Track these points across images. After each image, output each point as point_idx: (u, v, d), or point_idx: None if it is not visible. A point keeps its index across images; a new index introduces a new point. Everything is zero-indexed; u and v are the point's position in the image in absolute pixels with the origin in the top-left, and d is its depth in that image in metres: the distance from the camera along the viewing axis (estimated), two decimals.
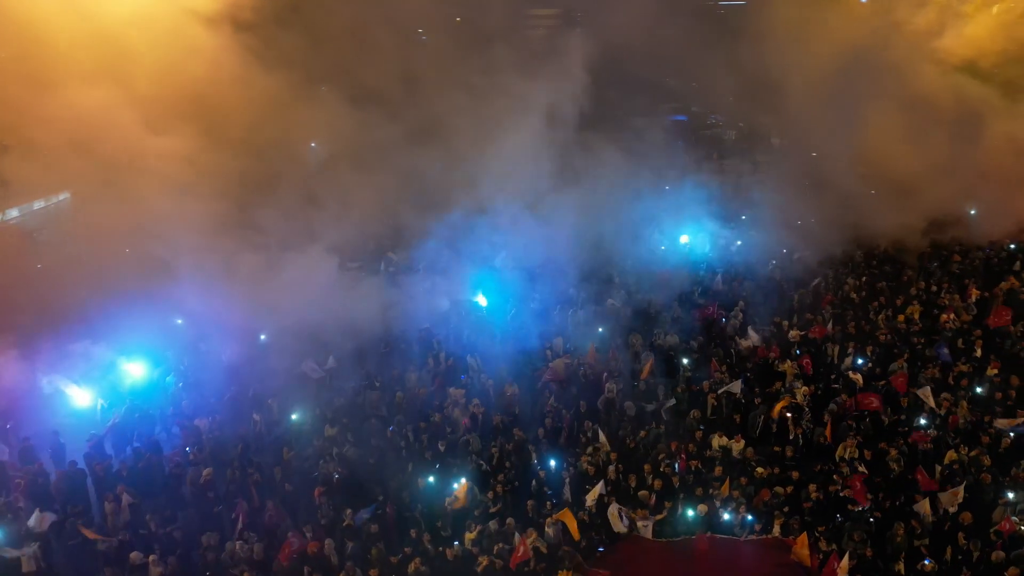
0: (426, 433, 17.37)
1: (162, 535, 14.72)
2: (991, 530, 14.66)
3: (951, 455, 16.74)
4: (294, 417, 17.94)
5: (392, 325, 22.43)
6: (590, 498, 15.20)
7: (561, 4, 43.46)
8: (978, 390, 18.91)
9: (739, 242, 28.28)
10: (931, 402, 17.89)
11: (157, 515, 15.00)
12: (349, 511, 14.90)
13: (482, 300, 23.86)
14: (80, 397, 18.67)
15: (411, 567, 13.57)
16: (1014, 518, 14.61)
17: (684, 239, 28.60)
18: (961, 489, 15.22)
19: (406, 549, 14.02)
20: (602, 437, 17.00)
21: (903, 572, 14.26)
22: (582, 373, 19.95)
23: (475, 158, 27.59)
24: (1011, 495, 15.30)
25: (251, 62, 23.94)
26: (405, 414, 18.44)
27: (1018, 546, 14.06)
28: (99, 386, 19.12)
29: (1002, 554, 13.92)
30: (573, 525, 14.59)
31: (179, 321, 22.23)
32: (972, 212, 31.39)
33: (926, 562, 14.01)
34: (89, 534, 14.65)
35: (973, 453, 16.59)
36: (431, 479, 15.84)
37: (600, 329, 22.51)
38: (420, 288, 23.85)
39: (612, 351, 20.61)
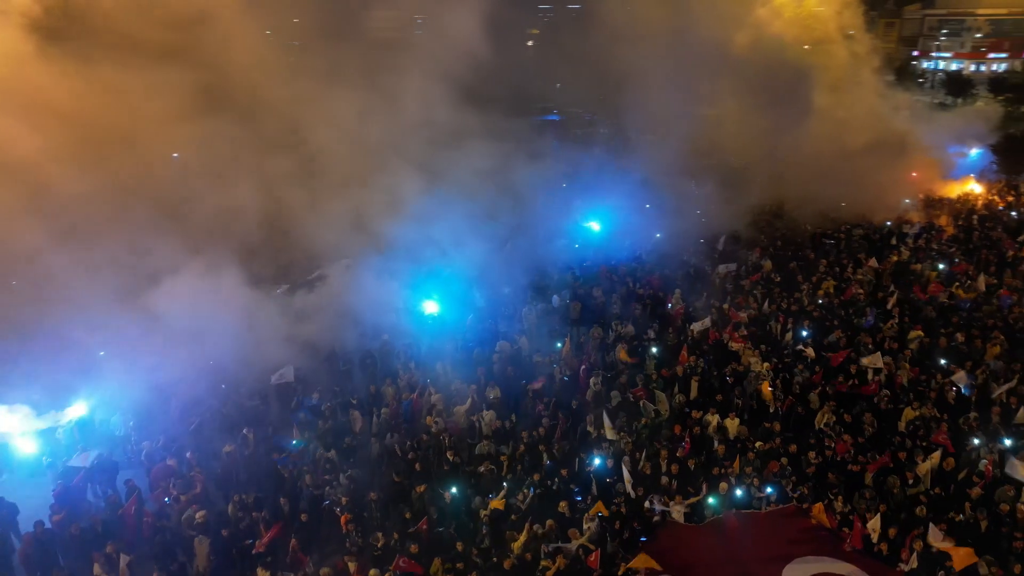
0: (430, 445, 16.71)
1: None
2: (966, 473, 16.34)
3: (908, 413, 18.44)
4: (294, 443, 16.61)
5: (345, 341, 21.43)
6: (627, 484, 15.33)
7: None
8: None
9: (658, 234, 29.42)
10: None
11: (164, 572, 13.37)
12: (380, 534, 14.04)
13: (432, 307, 23.26)
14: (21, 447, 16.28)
15: None
16: (983, 462, 16.35)
17: (595, 226, 29.45)
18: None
19: (459, 564, 13.41)
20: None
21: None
22: (559, 370, 20.01)
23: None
24: (976, 441, 17.09)
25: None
26: (396, 429, 17.64)
27: (997, 485, 15.75)
28: (40, 436, 16.77)
29: (979, 491, 15.53)
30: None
31: (101, 353, 19.95)
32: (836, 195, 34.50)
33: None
34: None
35: (924, 411, 18.35)
36: (455, 491, 15.22)
37: (555, 325, 22.81)
38: (366, 300, 22.82)
39: (589, 345, 20.80)
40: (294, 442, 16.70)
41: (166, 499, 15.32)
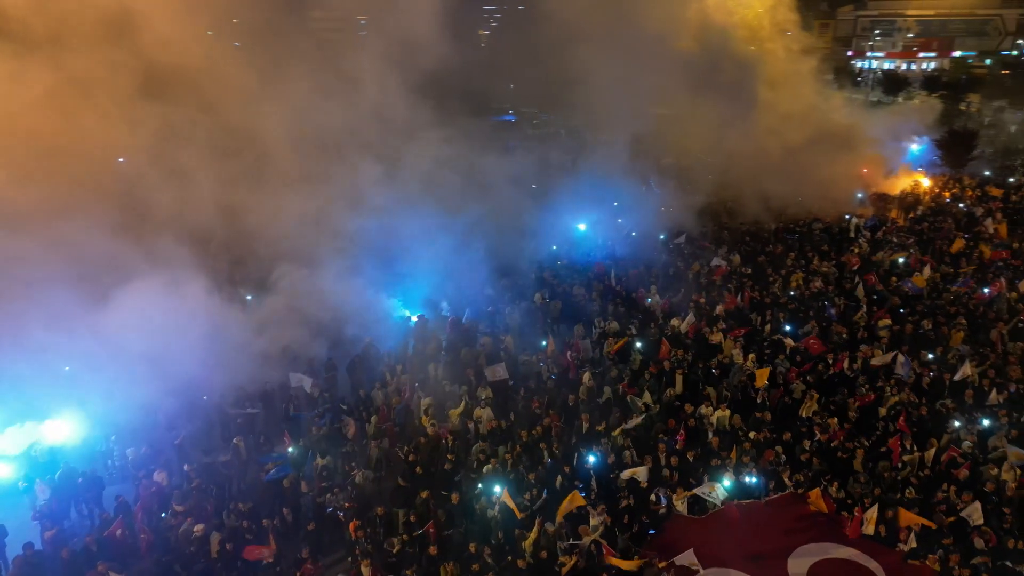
0: (430, 448, 16.51)
1: None
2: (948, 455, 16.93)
3: (892, 400, 19.01)
4: (290, 450, 16.16)
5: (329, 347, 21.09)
6: (627, 475, 15.47)
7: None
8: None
9: (633, 233, 29.70)
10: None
11: None
12: (393, 540, 13.83)
13: (413, 310, 23.01)
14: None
15: None
16: (966, 443, 16.97)
17: (581, 227, 29.60)
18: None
19: (474, 566, 13.29)
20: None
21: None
22: (546, 368, 20.03)
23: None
24: (956, 423, 17.71)
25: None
26: (390, 433, 17.40)
27: (982, 464, 16.37)
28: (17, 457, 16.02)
29: (966, 472, 16.12)
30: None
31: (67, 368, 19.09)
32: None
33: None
34: None
35: (903, 396, 18.95)
36: (460, 493, 15.10)
37: (537, 323, 22.83)
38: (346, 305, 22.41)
39: (576, 342, 20.87)
40: (290, 448, 16.26)
41: (163, 514, 14.78)
